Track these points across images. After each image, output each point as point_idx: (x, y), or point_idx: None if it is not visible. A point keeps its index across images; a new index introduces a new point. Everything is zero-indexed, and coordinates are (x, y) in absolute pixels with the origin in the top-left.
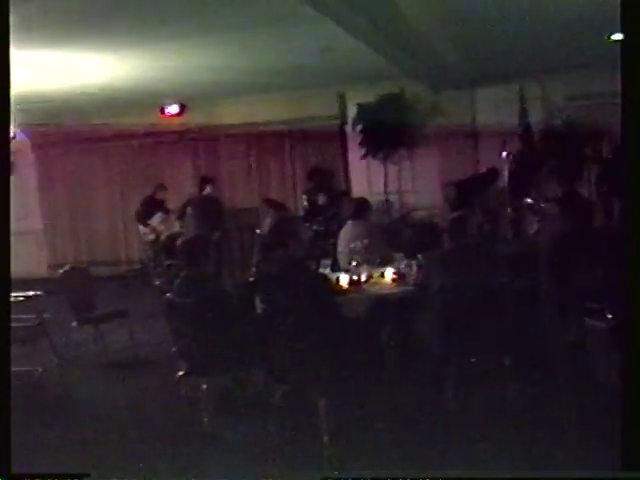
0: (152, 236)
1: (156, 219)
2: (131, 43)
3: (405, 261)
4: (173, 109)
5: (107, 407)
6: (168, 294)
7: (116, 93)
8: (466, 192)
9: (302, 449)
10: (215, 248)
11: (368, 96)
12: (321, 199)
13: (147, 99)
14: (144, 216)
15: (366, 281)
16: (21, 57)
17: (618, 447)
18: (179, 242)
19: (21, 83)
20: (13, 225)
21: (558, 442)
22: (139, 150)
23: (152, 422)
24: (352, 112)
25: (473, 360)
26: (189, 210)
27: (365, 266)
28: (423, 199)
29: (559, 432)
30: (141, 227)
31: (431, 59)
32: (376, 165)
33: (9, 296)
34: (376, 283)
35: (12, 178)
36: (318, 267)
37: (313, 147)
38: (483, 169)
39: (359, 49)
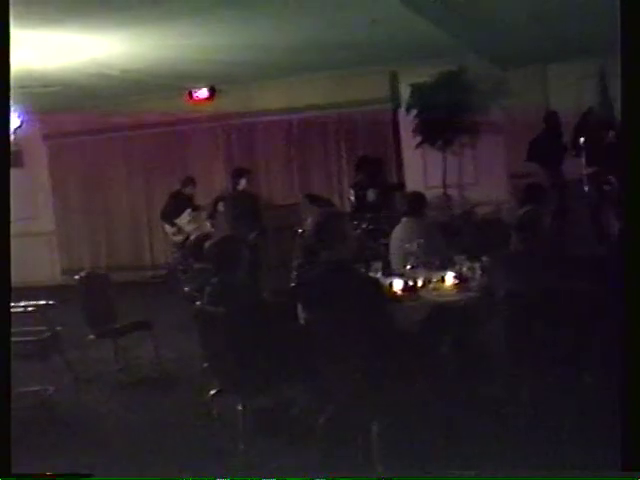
0: (180, 237)
1: (184, 218)
2: (152, 18)
3: (467, 264)
4: (202, 93)
5: (128, 432)
6: (198, 302)
7: (138, 76)
8: (538, 184)
9: None
10: (251, 250)
11: (424, 75)
12: (371, 194)
13: (173, 82)
14: (171, 214)
15: (423, 286)
16: (29, 36)
17: None
18: (210, 243)
19: (28, 64)
20: (21, 226)
21: None
22: (165, 140)
23: (180, 448)
24: (406, 94)
25: (549, 379)
26: (221, 207)
27: (422, 269)
28: (488, 192)
29: None
30: (167, 227)
31: (498, 30)
32: (433, 154)
33: (9, 294)
34: (434, 289)
35: (19, 172)
36: (368, 271)
37: (361, 135)
38: (557, 157)
39: (413, 20)
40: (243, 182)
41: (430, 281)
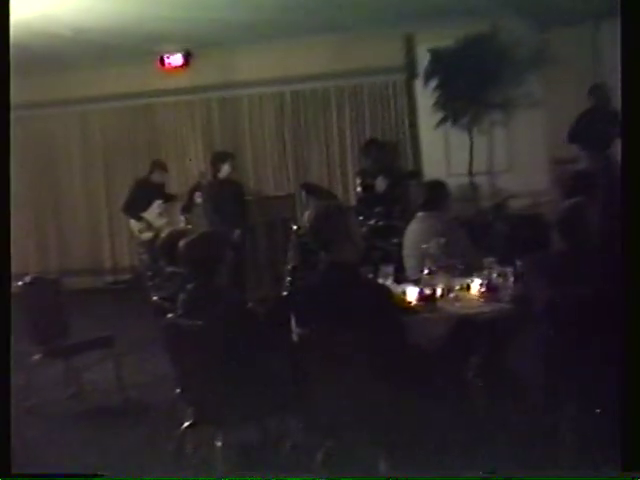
0: (147, 234)
1: (153, 210)
2: None
3: (498, 268)
4: (176, 59)
5: (84, 471)
6: (170, 314)
7: (95, 36)
8: (585, 171)
9: None
10: (235, 250)
11: (446, 38)
12: (380, 183)
13: (140, 45)
14: (136, 207)
15: (443, 296)
16: None
17: None
18: (185, 242)
19: None
20: None
21: None
22: (129, 116)
23: None
24: (424, 61)
25: (598, 411)
26: (198, 198)
27: (442, 275)
28: (524, 181)
29: None
30: (132, 222)
31: None
32: (457, 135)
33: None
34: (457, 299)
35: None
36: (377, 276)
37: (369, 111)
38: (608, 138)
39: None
40: (226, 168)
41: (452, 289)
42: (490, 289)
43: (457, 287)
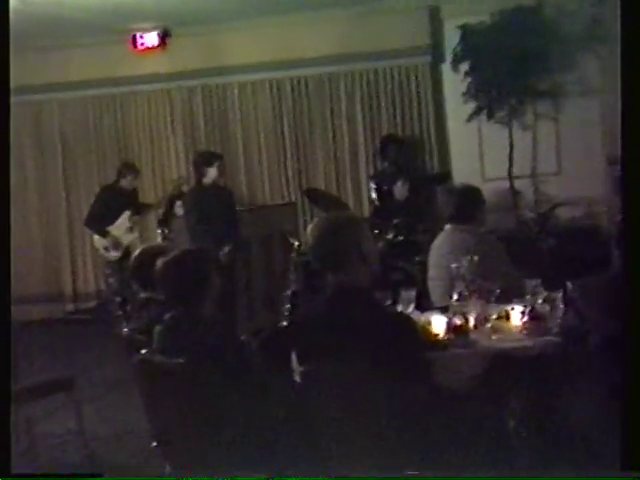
0: (115, 253)
1: (122, 224)
2: None
3: (545, 293)
4: (151, 39)
5: None
6: (143, 350)
7: (54, 10)
8: None
9: None
10: (223, 272)
11: (480, 12)
12: (400, 188)
13: (109, 22)
14: (101, 219)
15: (477, 326)
16: None
17: None
18: (163, 262)
19: None
20: None
21: None
22: (95, 107)
23: None
24: (453, 40)
25: None
26: (179, 209)
27: (475, 301)
28: (577, 187)
29: None
30: (97, 237)
31: None
32: (494, 130)
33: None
34: (495, 330)
35: None
36: (396, 303)
37: (386, 101)
38: None
39: None
40: (212, 172)
41: (488, 319)
42: (534, 318)
43: (494, 316)
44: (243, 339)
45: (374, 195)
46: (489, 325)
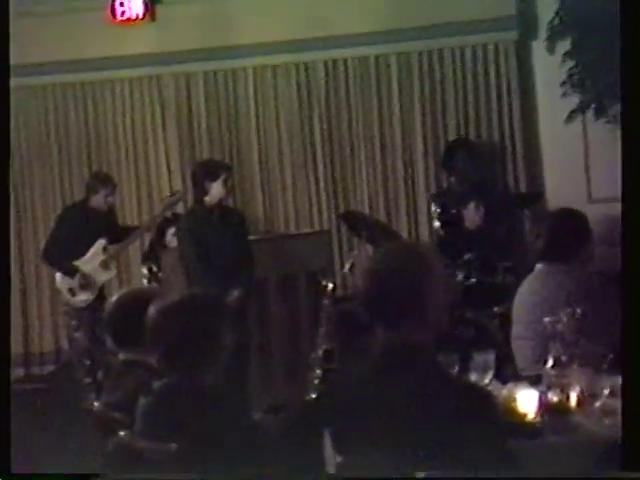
0: (84, 296)
1: (93, 257)
2: None
3: None
4: (135, 6)
5: None
6: (122, 432)
7: None
8: None
9: None
10: (233, 324)
11: None
12: (472, 213)
13: None
14: (66, 250)
15: (582, 404)
16: None
17: None
18: (154, 312)
19: None
20: None
21: None
22: (61, 97)
23: None
24: (547, 12)
25: None
26: (172, 238)
27: (579, 369)
28: None
29: None
30: (59, 275)
31: None
32: (604, 134)
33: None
34: (607, 410)
35: None
36: (467, 370)
37: (455, 93)
38: None
39: None
40: (217, 188)
41: (597, 394)
42: None
43: (606, 391)
44: (257, 418)
45: (437, 222)
46: (598, 403)
